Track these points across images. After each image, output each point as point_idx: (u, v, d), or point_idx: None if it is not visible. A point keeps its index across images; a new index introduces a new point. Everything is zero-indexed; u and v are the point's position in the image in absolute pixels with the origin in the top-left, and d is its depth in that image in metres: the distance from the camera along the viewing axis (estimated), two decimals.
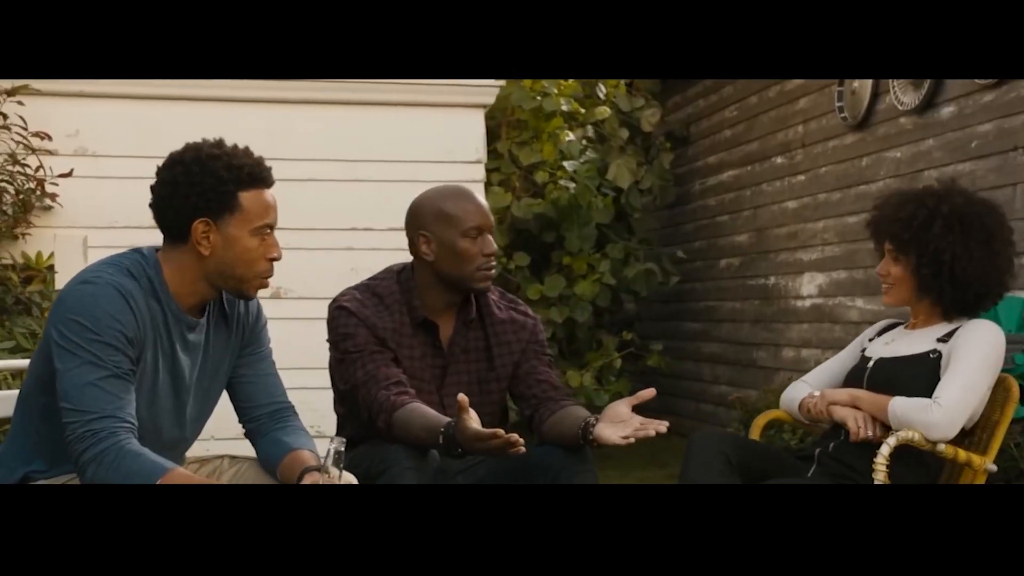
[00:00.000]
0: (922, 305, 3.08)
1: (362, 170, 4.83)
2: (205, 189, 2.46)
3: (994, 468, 2.90)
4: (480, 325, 3.18)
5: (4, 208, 4.36)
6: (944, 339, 2.99)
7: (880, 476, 2.76)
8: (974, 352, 2.91)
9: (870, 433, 2.91)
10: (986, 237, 2.98)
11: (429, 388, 3.11)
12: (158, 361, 2.50)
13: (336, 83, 4.73)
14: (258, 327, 2.74)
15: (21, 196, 4.39)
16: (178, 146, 4.85)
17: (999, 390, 2.98)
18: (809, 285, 5.94)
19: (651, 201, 7.41)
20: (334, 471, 2.44)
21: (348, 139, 4.85)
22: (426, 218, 3.08)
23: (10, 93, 4.35)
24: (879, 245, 3.13)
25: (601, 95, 7.13)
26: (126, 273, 2.47)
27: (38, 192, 4.44)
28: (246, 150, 2.56)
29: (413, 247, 3.12)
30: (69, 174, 4.44)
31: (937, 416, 2.80)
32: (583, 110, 6.75)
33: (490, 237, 3.11)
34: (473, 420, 2.77)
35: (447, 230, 3.05)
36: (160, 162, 2.56)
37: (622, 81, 7.11)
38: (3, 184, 4.33)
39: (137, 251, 2.55)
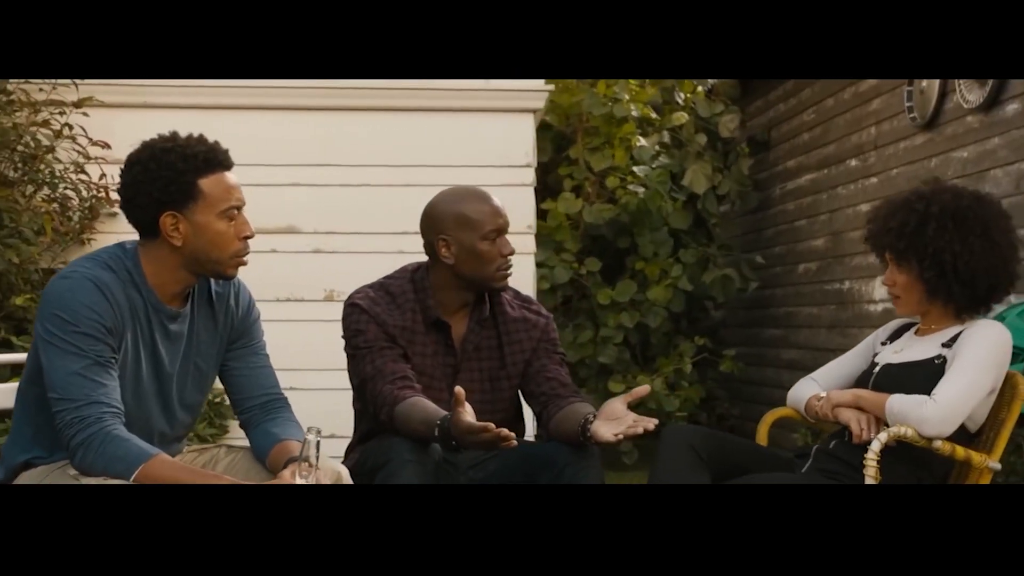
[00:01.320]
0: (934, 308, 3.02)
1: (413, 175, 4.92)
2: (165, 183, 2.55)
3: (997, 466, 2.83)
4: (493, 324, 3.23)
5: (70, 214, 4.56)
6: (949, 344, 2.94)
7: (871, 471, 2.71)
8: (976, 351, 2.85)
9: (873, 435, 2.87)
10: (982, 229, 2.92)
11: (440, 386, 3.16)
12: (139, 349, 2.60)
13: (387, 90, 4.85)
14: (249, 320, 2.82)
15: (86, 203, 4.59)
16: (236, 153, 5.00)
17: (1007, 387, 2.91)
18: (881, 289, 5.81)
19: (733, 207, 7.36)
20: (313, 461, 2.50)
21: (399, 145, 4.95)
22: (445, 222, 3.13)
23: (76, 105, 4.56)
24: (880, 257, 3.08)
25: (680, 101, 7.12)
26: (103, 266, 2.57)
27: (103, 199, 4.63)
28: (200, 138, 2.64)
29: (431, 249, 3.19)
30: None
31: (931, 411, 2.76)
32: (654, 115, 6.75)
33: (507, 238, 3.16)
34: (468, 414, 2.82)
35: (467, 234, 3.10)
36: None
37: (700, 86, 7.09)
38: (68, 191, 4.53)
39: (119, 245, 2.66)
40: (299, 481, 2.46)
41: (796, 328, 6.90)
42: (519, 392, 3.30)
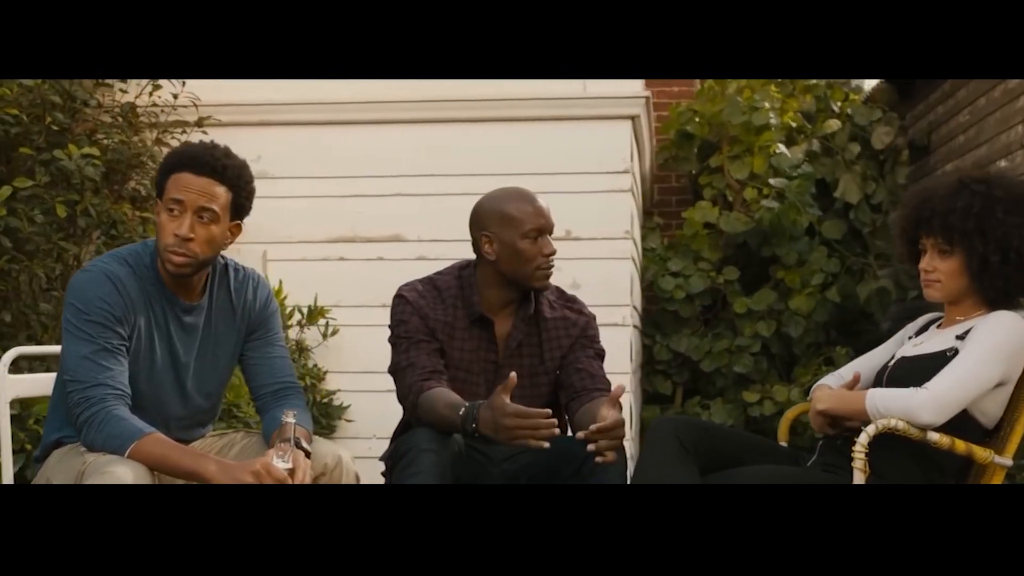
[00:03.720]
0: (968, 299, 2.90)
1: (512, 183, 4.98)
2: (156, 176, 2.82)
3: (1008, 463, 2.68)
4: (535, 322, 3.29)
5: None
6: (963, 335, 2.82)
7: (858, 465, 2.63)
8: (982, 341, 2.73)
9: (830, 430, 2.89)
10: None
11: (478, 380, 3.24)
12: (153, 339, 2.81)
13: (487, 102, 4.98)
14: (266, 313, 2.99)
15: None
16: (345, 166, 5.21)
17: (1023, 384, 2.76)
18: None
19: (887, 216, 7.10)
20: (290, 444, 2.65)
21: (499, 154, 5.05)
22: (488, 220, 3.23)
23: (198, 124, 4.87)
24: (919, 242, 2.95)
25: (835, 108, 6.96)
26: (121, 261, 2.80)
27: None
28: (200, 142, 2.86)
29: (476, 246, 3.28)
30: None
31: (922, 399, 2.64)
32: (794, 124, 6.62)
33: (549, 238, 3.22)
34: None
35: (508, 231, 3.19)
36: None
37: (847, 86, 6.92)
38: None
39: (143, 242, 2.90)
40: (276, 460, 2.61)
41: None
42: (557, 390, 3.34)
